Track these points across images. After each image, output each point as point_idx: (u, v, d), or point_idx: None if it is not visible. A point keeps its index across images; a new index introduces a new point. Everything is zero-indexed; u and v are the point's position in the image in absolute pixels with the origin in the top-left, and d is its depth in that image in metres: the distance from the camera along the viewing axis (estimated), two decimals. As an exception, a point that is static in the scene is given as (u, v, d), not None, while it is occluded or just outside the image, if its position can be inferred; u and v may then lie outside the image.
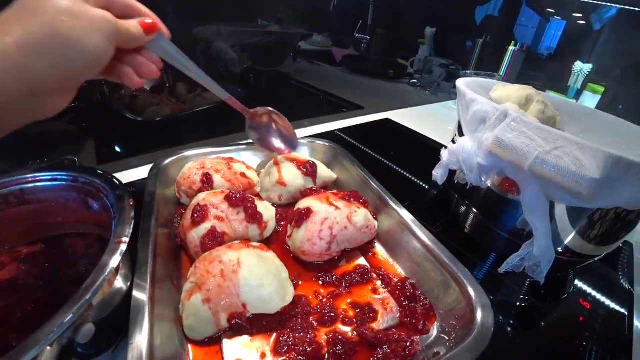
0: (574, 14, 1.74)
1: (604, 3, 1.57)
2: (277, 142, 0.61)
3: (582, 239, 0.48)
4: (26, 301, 0.38)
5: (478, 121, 0.47)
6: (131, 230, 0.35)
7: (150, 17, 0.35)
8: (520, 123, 0.42)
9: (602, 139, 0.61)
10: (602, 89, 1.28)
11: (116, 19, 0.31)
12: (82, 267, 0.43)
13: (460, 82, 0.57)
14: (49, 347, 0.27)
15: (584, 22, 1.72)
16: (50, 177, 0.44)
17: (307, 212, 0.47)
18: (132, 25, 0.33)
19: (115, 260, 0.31)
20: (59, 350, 0.28)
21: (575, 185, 0.36)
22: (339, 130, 1.03)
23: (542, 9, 1.85)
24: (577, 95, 1.39)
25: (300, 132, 0.97)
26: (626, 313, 0.52)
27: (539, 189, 0.40)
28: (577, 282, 0.57)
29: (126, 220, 0.36)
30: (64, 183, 0.44)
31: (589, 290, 0.56)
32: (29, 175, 0.43)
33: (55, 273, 0.41)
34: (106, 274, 0.30)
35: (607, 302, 0.54)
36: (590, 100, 1.28)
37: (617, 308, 0.53)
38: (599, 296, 0.55)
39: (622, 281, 0.59)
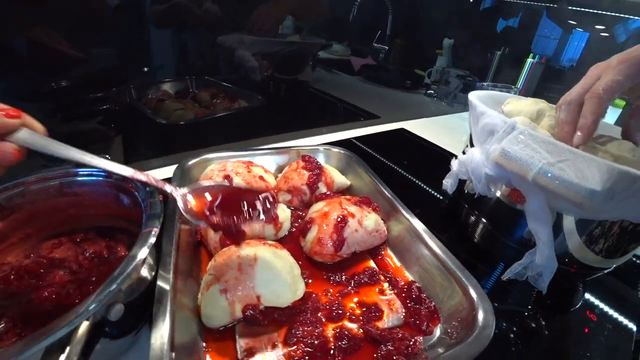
0: (597, 26, 1.72)
1: (627, 16, 1.55)
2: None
3: (589, 250, 0.49)
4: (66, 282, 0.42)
5: (487, 133, 0.49)
6: (160, 224, 0.39)
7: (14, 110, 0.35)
8: (527, 136, 0.43)
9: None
10: (623, 103, 1.26)
11: None
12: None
13: (472, 95, 0.58)
14: (85, 322, 0.30)
15: (607, 35, 1.69)
16: (87, 173, 0.48)
17: (320, 215, 0.49)
18: None
19: (145, 250, 0.35)
20: (92, 326, 0.31)
21: (575, 196, 0.37)
22: (355, 138, 1.05)
23: (563, 21, 1.83)
24: (597, 109, 1.37)
25: (318, 139, 1.00)
26: (634, 328, 0.52)
27: (543, 200, 0.42)
28: (587, 295, 0.57)
29: (156, 214, 0.39)
30: (99, 178, 0.47)
31: (599, 303, 0.56)
32: (70, 170, 0.47)
33: (100, 262, 0.45)
34: (137, 260, 0.33)
35: (616, 315, 0.54)
36: (610, 114, 1.26)
37: (625, 322, 0.53)
38: (607, 310, 0.55)
39: (633, 296, 0.59)
